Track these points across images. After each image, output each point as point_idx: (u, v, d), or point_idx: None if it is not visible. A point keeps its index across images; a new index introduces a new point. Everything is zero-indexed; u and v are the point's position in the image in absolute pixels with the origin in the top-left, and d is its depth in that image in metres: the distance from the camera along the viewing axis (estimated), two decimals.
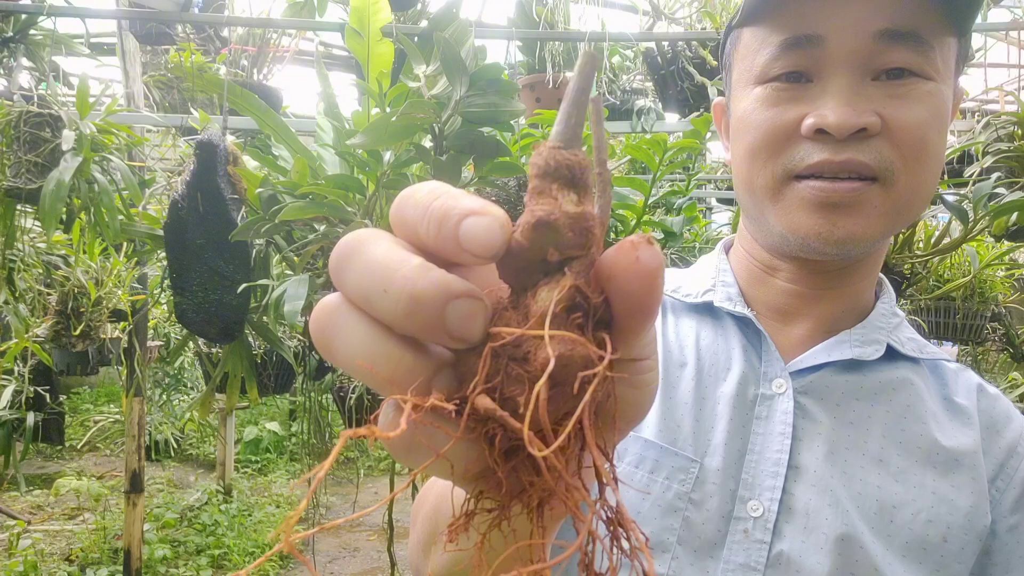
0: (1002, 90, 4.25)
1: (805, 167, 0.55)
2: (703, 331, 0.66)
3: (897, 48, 0.54)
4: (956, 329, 3.17)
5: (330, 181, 1.67)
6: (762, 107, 0.57)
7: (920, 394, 0.62)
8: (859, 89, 0.54)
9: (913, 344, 0.66)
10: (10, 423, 2.99)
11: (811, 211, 0.56)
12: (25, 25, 2.48)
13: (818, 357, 0.62)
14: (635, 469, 0.61)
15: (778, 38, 0.56)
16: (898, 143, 0.54)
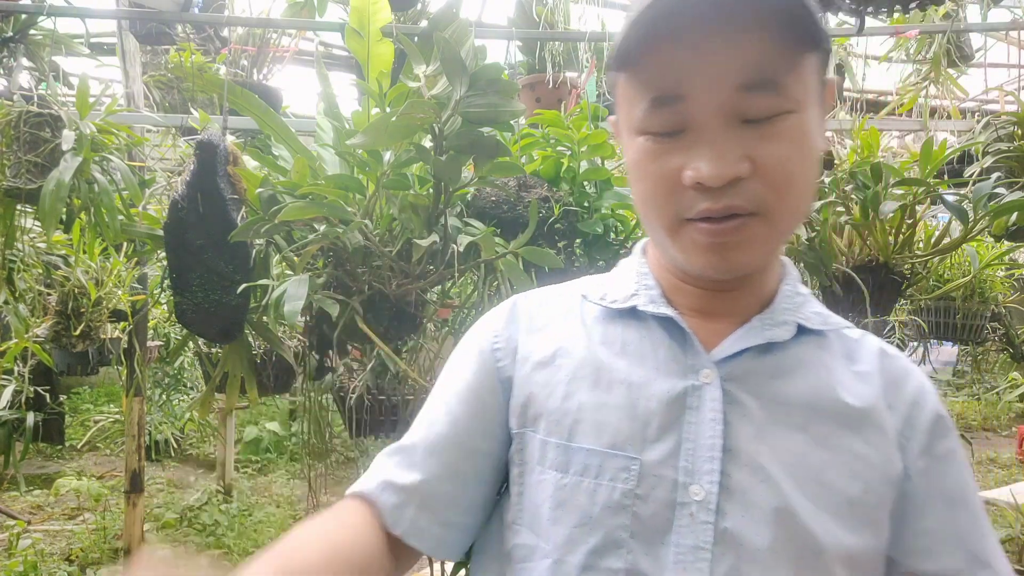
0: (1002, 90, 4.25)
1: (693, 213, 0.61)
2: (630, 335, 0.71)
3: (757, 97, 0.58)
4: (956, 329, 3.17)
5: (330, 181, 1.67)
6: (646, 159, 0.63)
7: (828, 363, 0.69)
8: (729, 135, 0.59)
9: (818, 318, 0.71)
10: (10, 423, 2.99)
11: (704, 252, 0.62)
12: (25, 25, 2.48)
13: (736, 345, 0.67)
14: (581, 478, 0.65)
15: (647, 95, 0.61)
16: (769, 182, 0.60)
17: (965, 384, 8.38)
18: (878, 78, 4.33)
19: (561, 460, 0.67)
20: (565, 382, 0.69)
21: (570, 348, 0.71)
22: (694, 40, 0.58)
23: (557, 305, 0.77)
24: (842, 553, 0.61)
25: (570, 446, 0.67)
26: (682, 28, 0.58)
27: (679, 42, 0.58)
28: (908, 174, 2.04)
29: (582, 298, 0.76)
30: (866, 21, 2.21)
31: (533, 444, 0.69)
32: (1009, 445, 6.56)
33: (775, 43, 0.58)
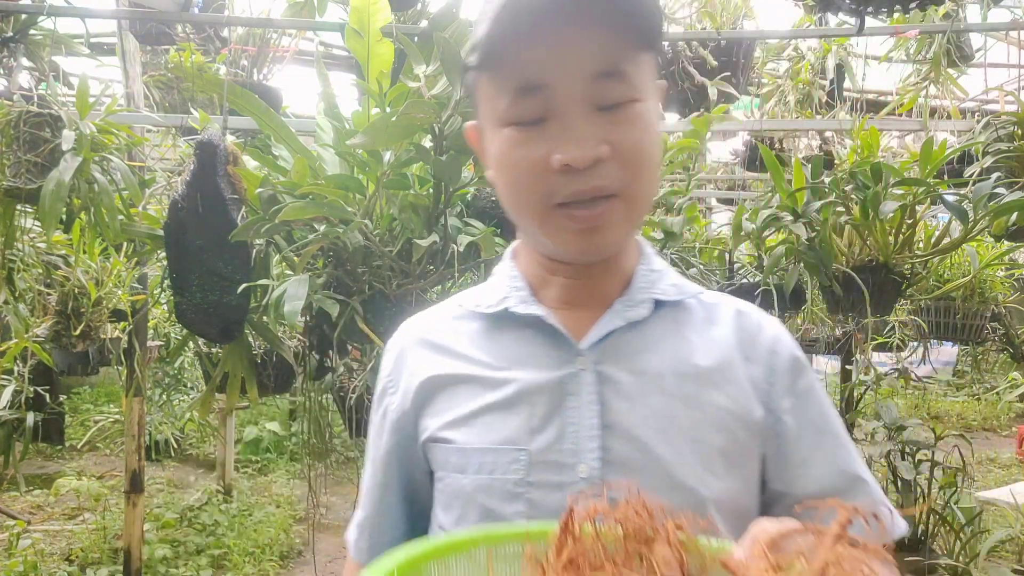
0: (1002, 90, 4.25)
1: (562, 197, 0.66)
2: (508, 335, 0.76)
3: (610, 84, 0.65)
4: (956, 329, 3.17)
5: (330, 181, 1.67)
6: (513, 148, 0.68)
7: (685, 331, 0.75)
8: (589, 121, 0.65)
9: (674, 289, 0.77)
10: (10, 423, 2.99)
11: (574, 236, 0.68)
12: (25, 25, 2.48)
13: (601, 331, 0.73)
14: (477, 476, 0.71)
15: (511, 87, 0.66)
16: (626, 162, 0.66)
17: (965, 384, 8.39)
18: (878, 78, 4.33)
19: (461, 463, 0.72)
20: (457, 391, 0.75)
21: (455, 359, 0.77)
22: (552, 34, 0.64)
23: (437, 323, 0.82)
24: (718, 499, 0.68)
25: (466, 448, 0.72)
26: (541, 23, 0.63)
27: (539, 36, 0.64)
28: (908, 174, 2.04)
29: (459, 307, 0.81)
30: (866, 21, 2.21)
31: (437, 453, 0.75)
32: (1009, 445, 6.56)
33: (619, 38, 0.65)
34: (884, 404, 3.11)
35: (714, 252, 2.52)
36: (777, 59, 3.93)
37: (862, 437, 3.28)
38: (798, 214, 2.07)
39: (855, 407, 3.35)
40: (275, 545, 4.05)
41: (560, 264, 0.75)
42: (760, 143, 3.24)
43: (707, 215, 4.92)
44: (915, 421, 3.11)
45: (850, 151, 2.53)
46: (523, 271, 0.79)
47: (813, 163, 2.11)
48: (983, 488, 4.91)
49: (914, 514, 3.03)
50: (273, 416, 6.46)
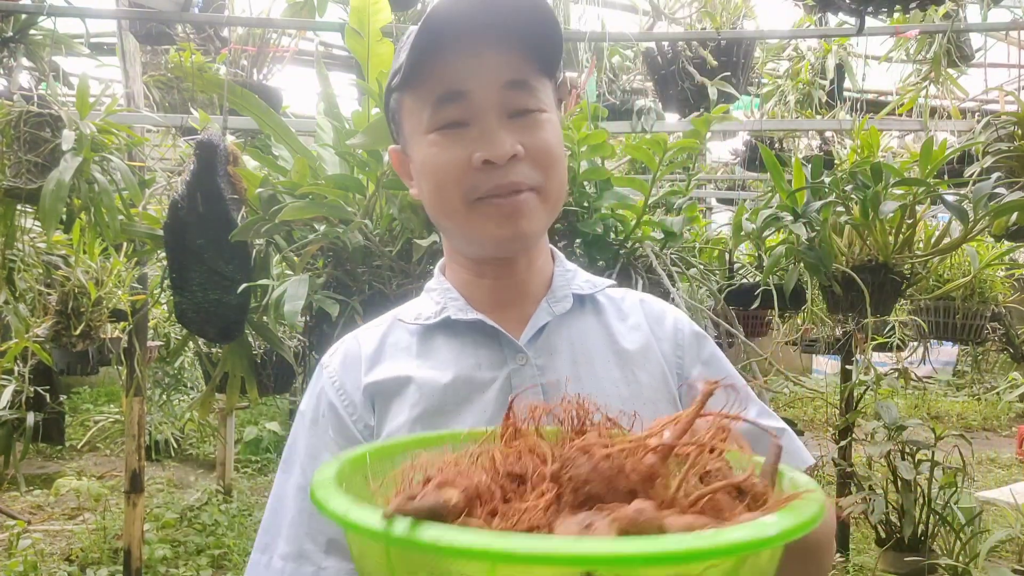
0: (1002, 90, 4.25)
1: (483, 191, 0.73)
2: (451, 342, 0.81)
3: (519, 94, 0.74)
4: (956, 329, 3.17)
5: (330, 181, 1.67)
6: (437, 151, 0.74)
7: (606, 321, 0.84)
8: (504, 125, 0.73)
9: (588, 284, 0.86)
10: (10, 423, 2.98)
11: (496, 224, 0.74)
12: (25, 25, 2.48)
13: (534, 326, 0.80)
14: None
15: (433, 96, 0.74)
16: (538, 161, 0.74)
17: (965, 384, 8.39)
18: (878, 78, 4.33)
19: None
20: (409, 398, 0.78)
21: (403, 369, 0.80)
22: (468, 49, 0.72)
23: (378, 337, 0.84)
24: None
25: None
26: (457, 40, 0.72)
27: (456, 52, 0.72)
28: (908, 174, 2.04)
29: (398, 322, 0.85)
30: (866, 21, 2.21)
31: None
32: (1009, 445, 6.56)
33: (527, 57, 0.75)
34: (884, 404, 3.11)
35: (714, 252, 2.52)
36: (777, 59, 3.93)
37: (862, 437, 3.27)
38: (798, 214, 2.07)
39: (855, 407, 3.35)
40: None
41: (486, 265, 0.82)
42: (760, 143, 3.24)
43: (707, 215, 4.92)
44: (915, 421, 3.10)
45: (850, 151, 2.53)
46: (454, 284, 0.85)
47: (813, 163, 2.11)
48: (983, 488, 4.91)
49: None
50: (273, 416, 6.46)
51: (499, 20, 0.72)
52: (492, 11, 0.71)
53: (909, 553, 3.05)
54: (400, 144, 0.83)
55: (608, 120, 2.19)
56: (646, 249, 1.81)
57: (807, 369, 8.58)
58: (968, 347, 4.54)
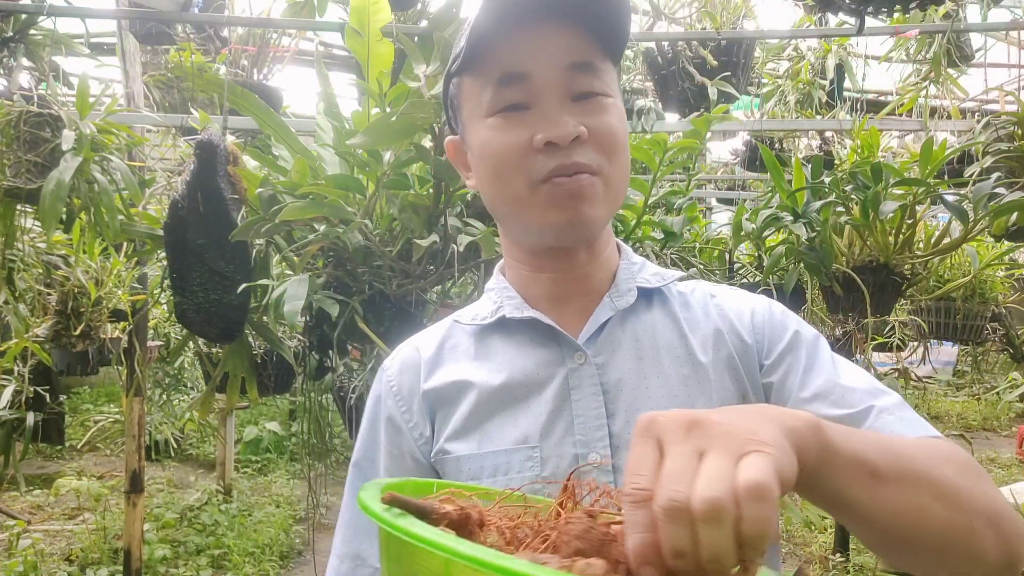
0: (1002, 90, 4.25)
1: (546, 173, 0.70)
2: (507, 343, 0.79)
3: (583, 76, 0.71)
4: (956, 329, 3.17)
5: (330, 181, 1.67)
6: (497, 134, 0.72)
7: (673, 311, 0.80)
8: (566, 108, 0.70)
9: (656, 277, 0.83)
10: (10, 423, 2.98)
11: (560, 205, 0.71)
12: (25, 25, 2.47)
13: (595, 323, 0.77)
14: (494, 479, 0.73)
15: (495, 78, 0.71)
16: (602, 145, 0.71)
17: (965, 384, 8.38)
18: (878, 78, 4.33)
19: (475, 468, 0.74)
20: (465, 402, 0.77)
21: (460, 373, 0.79)
22: (530, 30, 0.70)
23: (437, 342, 0.83)
24: None
25: (479, 453, 0.74)
26: (519, 21, 0.69)
27: (518, 33, 0.70)
28: (908, 174, 2.04)
29: (455, 323, 0.84)
30: (866, 21, 2.21)
31: (448, 465, 0.76)
32: (1009, 445, 6.56)
33: (591, 38, 0.72)
34: None
35: (714, 252, 2.52)
36: (777, 59, 3.93)
37: None
38: (798, 214, 2.07)
39: None
40: (275, 545, 4.05)
41: (546, 259, 0.78)
42: (760, 143, 3.24)
43: (707, 215, 4.92)
44: None
45: (850, 151, 2.53)
46: (512, 282, 0.83)
47: (813, 163, 2.11)
48: None
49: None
50: (273, 416, 6.46)
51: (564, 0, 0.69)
52: None
53: None
54: (458, 131, 0.80)
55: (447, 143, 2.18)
56: (646, 249, 1.81)
57: None
58: (968, 347, 4.53)
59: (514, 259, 0.82)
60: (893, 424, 0.67)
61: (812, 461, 0.48)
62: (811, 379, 0.73)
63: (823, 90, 3.54)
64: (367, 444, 0.82)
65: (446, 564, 0.36)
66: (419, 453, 0.79)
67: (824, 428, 0.50)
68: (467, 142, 0.78)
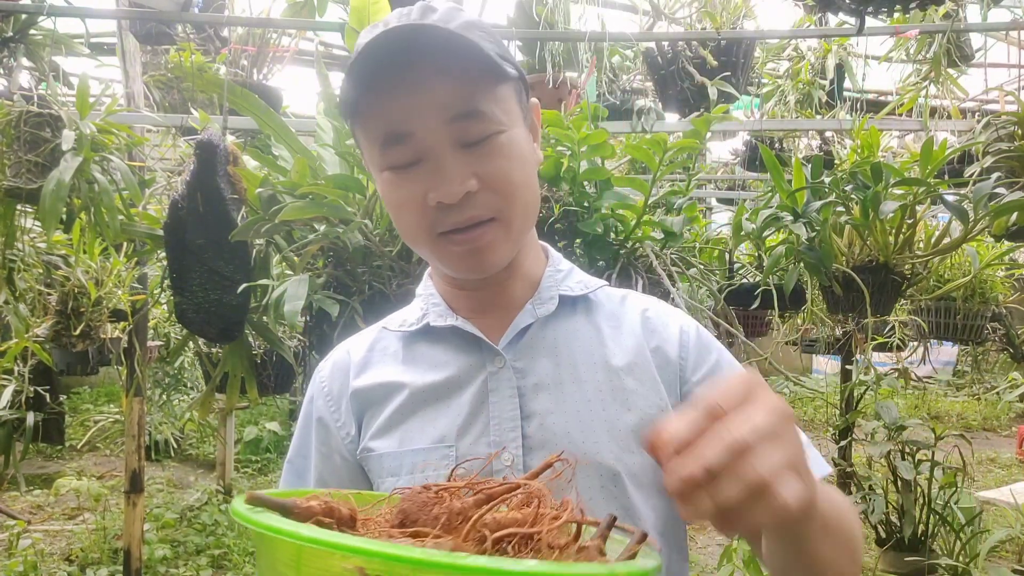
0: (1002, 90, 4.25)
1: (445, 228, 0.72)
2: (433, 347, 0.82)
3: (468, 124, 0.69)
4: (956, 329, 3.17)
5: (330, 181, 1.67)
6: (393, 190, 0.73)
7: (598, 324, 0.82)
8: (456, 159, 0.69)
9: (579, 285, 0.84)
10: (10, 423, 2.98)
11: (461, 258, 0.74)
12: (25, 25, 2.47)
13: (515, 329, 0.80)
14: (411, 476, 0.76)
15: (379, 138, 0.71)
16: (496, 191, 0.71)
17: (965, 384, 8.38)
18: (878, 78, 4.33)
19: (395, 465, 0.77)
20: (390, 402, 0.80)
21: (387, 375, 0.82)
22: (405, 87, 0.69)
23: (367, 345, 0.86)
24: (634, 472, 0.74)
25: (400, 451, 0.77)
26: (392, 79, 0.68)
27: (393, 91, 0.69)
28: (908, 174, 2.04)
29: (383, 329, 0.87)
30: (866, 21, 2.21)
31: (371, 463, 0.80)
32: (1009, 445, 6.56)
33: (469, 80, 0.69)
34: (884, 404, 3.11)
35: (714, 252, 2.52)
36: (777, 59, 3.93)
37: (862, 437, 3.27)
38: (798, 214, 2.07)
39: (855, 407, 3.35)
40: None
41: (462, 281, 0.81)
42: (760, 143, 3.24)
43: (707, 215, 4.92)
44: (915, 421, 3.11)
45: (850, 151, 2.53)
46: (438, 289, 0.86)
47: (813, 163, 2.11)
48: (983, 488, 4.91)
49: None
50: (273, 416, 6.46)
51: (430, 52, 0.67)
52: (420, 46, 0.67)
53: (909, 553, 3.05)
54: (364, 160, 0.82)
55: (608, 120, 2.19)
56: (646, 249, 1.81)
57: (807, 369, 8.58)
58: (968, 347, 4.53)
59: (438, 273, 0.86)
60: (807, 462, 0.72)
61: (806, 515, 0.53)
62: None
63: (823, 90, 3.54)
64: (300, 442, 0.86)
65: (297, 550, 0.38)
66: (346, 451, 0.82)
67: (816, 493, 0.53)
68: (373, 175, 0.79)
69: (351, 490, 0.61)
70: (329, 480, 0.82)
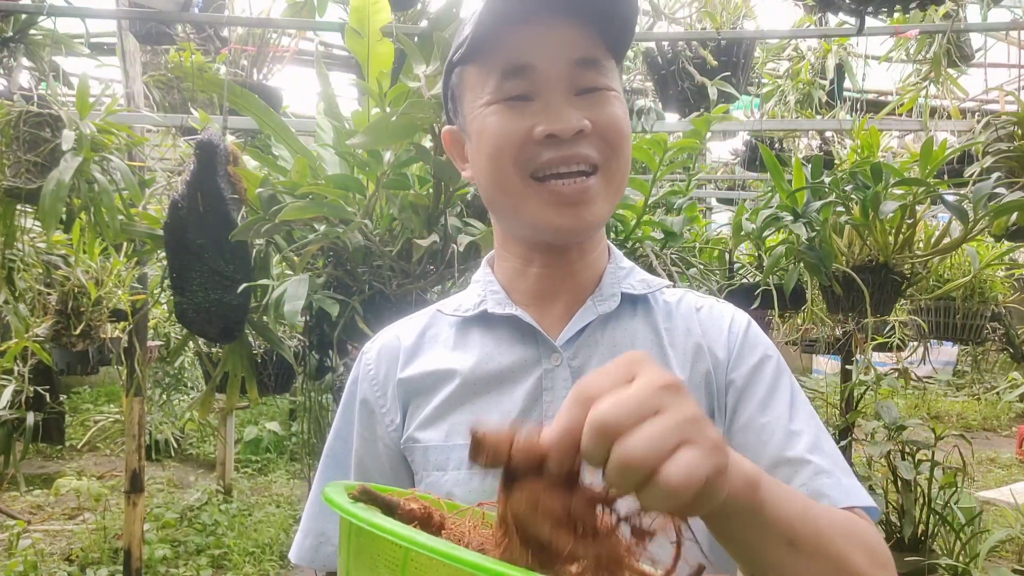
0: (1002, 90, 4.25)
1: (542, 163, 0.70)
2: (487, 336, 0.79)
3: (588, 71, 0.71)
4: (956, 329, 3.17)
5: (330, 181, 1.67)
6: (498, 120, 0.71)
7: (655, 321, 0.80)
8: (570, 102, 0.70)
9: (642, 284, 0.82)
10: (10, 423, 2.98)
11: (557, 210, 0.71)
12: (25, 25, 2.48)
13: (575, 326, 0.76)
14: (458, 471, 0.73)
15: (499, 68, 0.71)
16: (606, 137, 0.71)
17: (965, 384, 8.38)
18: (878, 78, 4.33)
19: (441, 459, 0.75)
20: (439, 391, 0.77)
21: (438, 362, 0.79)
22: (537, 23, 0.70)
23: (418, 331, 0.84)
24: None
25: (446, 445, 0.75)
26: (527, 13, 0.69)
27: (525, 25, 0.69)
28: (908, 174, 2.04)
29: (437, 313, 0.84)
30: (866, 21, 2.21)
31: (416, 454, 0.77)
32: (1009, 445, 6.56)
33: (597, 34, 0.71)
34: (884, 404, 3.11)
35: (714, 252, 2.52)
36: (777, 59, 3.93)
37: (862, 437, 3.27)
38: (798, 214, 2.07)
39: (855, 407, 3.35)
40: (275, 545, 4.05)
41: (537, 253, 0.78)
42: (760, 143, 3.24)
43: (707, 215, 4.92)
44: (915, 421, 3.11)
45: (850, 151, 2.53)
46: (499, 276, 0.82)
47: (813, 163, 2.11)
48: (983, 488, 4.91)
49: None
50: (273, 416, 6.46)
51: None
52: None
53: (909, 553, 3.05)
54: (457, 122, 0.79)
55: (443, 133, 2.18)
56: (646, 249, 1.81)
57: (807, 369, 8.58)
58: (968, 347, 4.53)
59: (505, 250, 0.82)
60: (830, 488, 0.67)
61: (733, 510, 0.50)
62: (763, 412, 0.73)
63: (823, 90, 3.54)
64: (341, 425, 0.84)
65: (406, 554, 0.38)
66: (389, 439, 0.79)
67: (760, 488, 0.51)
68: (466, 131, 0.77)
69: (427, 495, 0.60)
70: (370, 466, 0.80)
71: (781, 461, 0.69)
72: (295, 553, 0.83)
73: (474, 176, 0.77)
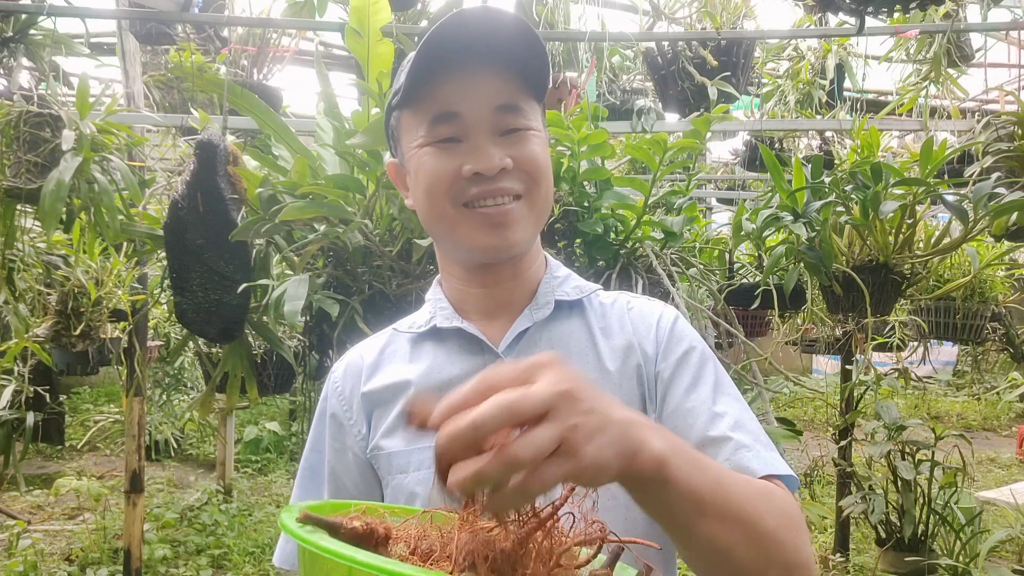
0: (1002, 90, 4.25)
1: (471, 196, 0.79)
2: (438, 348, 0.87)
3: (508, 115, 0.80)
4: (956, 329, 3.17)
5: (330, 181, 1.67)
6: (431, 160, 0.80)
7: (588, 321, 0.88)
8: (494, 142, 0.79)
9: (576, 290, 0.90)
10: (10, 423, 2.98)
11: (485, 231, 0.80)
12: (25, 25, 2.47)
13: (513, 333, 0.85)
14: (417, 472, 0.81)
15: (430, 115, 0.80)
16: (526, 172, 0.80)
17: (965, 384, 8.39)
18: (878, 78, 4.33)
19: (403, 463, 0.82)
20: (398, 403, 0.85)
21: (396, 374, 0.87)
22: (462, 74, 0.79)
23: (378, 349, 0.92)
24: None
25: (407, 449, 0.82)
26: (453, 66, 0.78)
27: (451, 76, 0.79)
28: (908, 174, 2.04)
29: (394, 332, 0.93)
30: (866, 21, 2.21)
31: (381, 461, 0.84)
32: (1009, 445, 6.56)
33: (517, 82, 0.81)
34: (884, 404, 3.11)
35: (714, 252, 2.52)
36: (777, 59, 3.93)
37: (862, 437, 3.27)
38: (798, 214, 2.07)
39: (855, 407, 3.35)
40: (275, 545, 4.05)
41: (475, 273, 0.87)
42: (760, 143, 3.24)
43: (707, 215, 4.92)
44: (915, 421, 3.11)
45: (850, 151, 2.53)
46: (447, 293, 0.91)
47: (813, 163, 2.11)
48: (983, 488, 4.91)
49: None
50: (273, 416, 6.46)
51: (494, 48, 0.77)
52: (488, 40, 0.77)
53: (909, 553, 3.05)
54: (398, 157, 0.89)
55: (608, 120, 2.19)
56: (646, 249, 1.81)
57: (807, 369, 8.58)
58: (968, 347, 4.54)
59: (449, 272, 0.90)
60: (750, 460, 0.75)
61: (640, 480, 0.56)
62: (688, 398, 0.81)
63: (823, 90, 3.54)
64: (315, 438, 0.91)
65: (349, 571, 0.43)
66: (358, 448, 0.87)
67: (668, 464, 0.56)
68: (405, 167, 0.86)
69: (386, 504, 0.65)
70: (341, 474, 0.87)
71: (706, 440, 0.77)
72: (278, 557, 0.91)
73: (414, 204, 0.87)
